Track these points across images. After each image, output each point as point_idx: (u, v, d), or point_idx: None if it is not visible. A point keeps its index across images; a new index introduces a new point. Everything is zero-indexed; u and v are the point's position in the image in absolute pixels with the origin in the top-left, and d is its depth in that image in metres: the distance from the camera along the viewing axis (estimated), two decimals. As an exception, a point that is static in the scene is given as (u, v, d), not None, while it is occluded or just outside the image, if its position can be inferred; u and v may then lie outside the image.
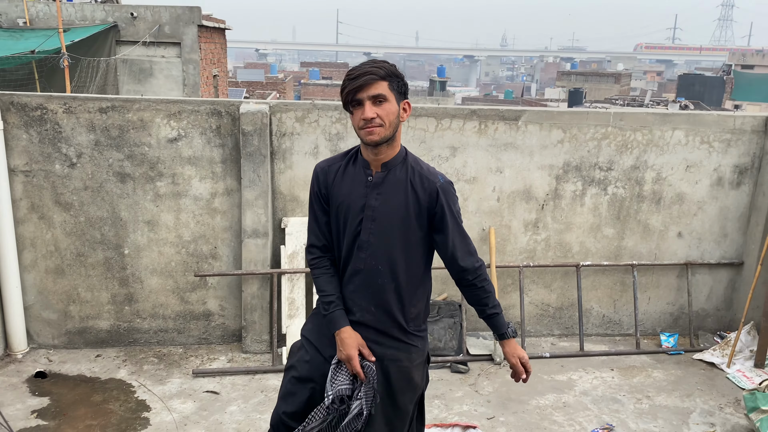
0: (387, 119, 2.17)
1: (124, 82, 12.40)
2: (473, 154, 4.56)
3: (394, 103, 2.20)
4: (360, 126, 2.19)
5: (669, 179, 4.74)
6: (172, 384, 4.14)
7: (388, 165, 2.28)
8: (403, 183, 2.27)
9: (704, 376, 4.46)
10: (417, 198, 2.26)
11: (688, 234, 4.87)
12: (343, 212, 2.31)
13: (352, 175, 2.32)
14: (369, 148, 2.24)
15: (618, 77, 51.64)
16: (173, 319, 4.58)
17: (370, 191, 2.28)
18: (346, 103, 2.21)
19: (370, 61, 2.22)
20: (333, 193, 2.34)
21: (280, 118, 4.32)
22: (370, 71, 2.16)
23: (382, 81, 2.17)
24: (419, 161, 2.34)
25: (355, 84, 2.16)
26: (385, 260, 2.28)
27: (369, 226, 2.26)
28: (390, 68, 2.20)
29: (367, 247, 2.27)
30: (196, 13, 12.21)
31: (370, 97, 2.15)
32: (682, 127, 4.66)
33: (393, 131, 2.22)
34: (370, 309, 2.31)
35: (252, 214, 4.32)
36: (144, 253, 4.43)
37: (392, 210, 2.26)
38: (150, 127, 4.24)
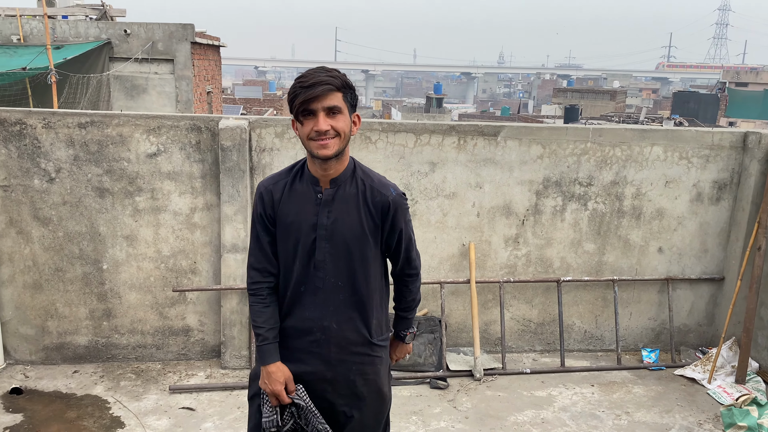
0: (342, 131, 2.09)
1: (117, 99, 12.46)
2: (453, 169, 4.57)
3: (347, 115, 2.12)
4: (311, 137, 2.08)
5: (649, 195, 4.76)
6: (149, 400, 4.11)
7: (337, 180, 2.20)
8: (355, 199, 2.20)
9: (685, 392, 4.45)
10: (370, 213, 2.20)
11: (668, 249, 4.87)
12: (294, 232, 2.22)
13: (300, 193, 2.22)
14: (318, 162, 2.15)
15: (614, 94, 51.99)
16: (152, 334, 4.56)
17: (320, 209, 2.19)
18: (296, 112, 2.09)
19: (321, 68, 2.12)
20: (280, 213, 2.23)
21: (259, 134, 4.34)
22: (326, 80, 2.05)
23: (338, 92, 2.08)
24: (369, 172, 2.27)
25: (310, 93, 2.04)
26: (343, 277, 2.22)
27: (323, 245, 2.19)
28: (344, 79, 2.11)
29: (324, 266, 2.21)
30: (189, 30, 12.30)
31: (325, 108, 2.05)
32: (661, 143, 4.68)
33: (345, 145, 2.14)
34: (332, 326, 2.25)
35: (231, 229, 4.32)
36: (122, 268, 4.42)
37: (346, 228, 2.19)
38: (129, 142, 4.25)
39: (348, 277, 2.23)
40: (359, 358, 2.30)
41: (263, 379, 2.26)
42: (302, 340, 2.28)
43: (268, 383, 2.24)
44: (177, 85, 12.37)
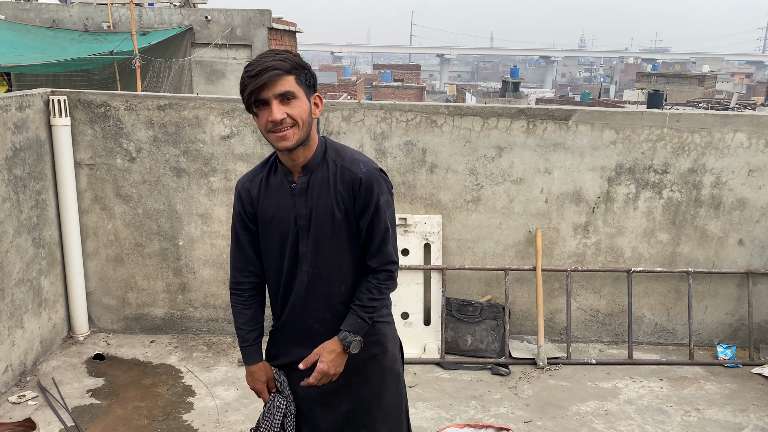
0: (299, 118, 1.93)
1: (198, 83, 12.93)
2: (521, 154, 4.50)
3: (304, 99, 1.95)
4: (268, 129, 1.93)
5: (729, 183, 4.52)
6: (218, 372, 4.30)
7: (308, 167, 2.08)
8: (327, 182, 2.07)
9: (762, 391, 4.23)
10: (341, 194, 2.07)
11: (749, 241, 4.62)
12: (275, 227, 2.13)
13: (276, 186, 2.12)
14: (285, 153, 2.03)
15: (702, 79, 49.31)
16: (223, 309, 4.75)
17: (297, 200, 2.09)
18: (248, 104, 1.94)
19: (269, 52, 1.94)
20: (261, 210, 2.14)
21: (327, 117, 4.41)
22: (273, 65, 1.88)
23: (288, 75, 1.91)
24: (342, 151, 2.12)
25: (257, 82, 1.87)
26: (328, 266, 2.13)
27: (305, 235, 2.10)
28: (294, 59, 1.94)
29: (307, 258, 2.12)
30: (266, 16, 12.58)
31: (277, 95, 1.89)
32: (744, 129, 4.43)
33: (307, 131, 1.99)
34: (326, 317, 2.17)
35: (298, 210, 4.42)
36: (197, 245, 4.63)
37: (322, 214, 2.08)
38: (204, 125, 4.43)
39: (333, 267, 2.14)
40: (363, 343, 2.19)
41: (247, 377, 2.31)
42: (302, 335, 2.22)
43: (251, 381, 2.29)
44: (254, 70, 12.68)
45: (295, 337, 2.24)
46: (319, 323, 2.19)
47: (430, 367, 4.43)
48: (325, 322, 2.18)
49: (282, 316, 2.24)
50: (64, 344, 4.59)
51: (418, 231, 4.57)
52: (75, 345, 4.61)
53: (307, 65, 1.98)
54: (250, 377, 2.30)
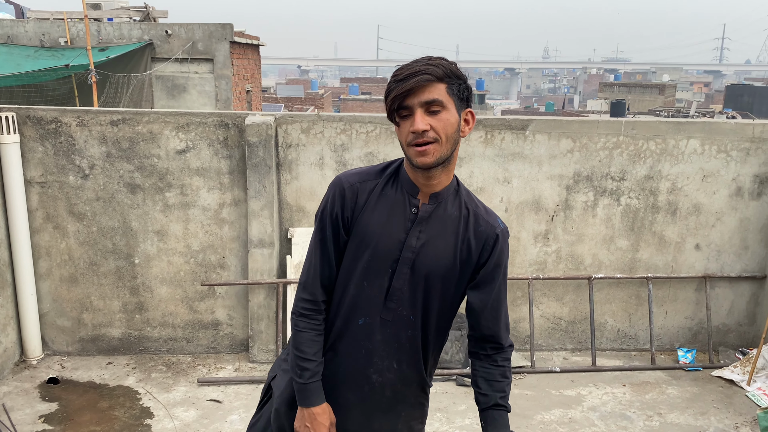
0: (444, 133, 1.68)
1: (159, 98, 12.75)
2: (480, 164, 4.51)
3: (454, 112, 1.70)
4: (409, 142, 1.69)
5: (685, 189, 4.60)
6: (178, 392, 4.19)
7: (439, 196, 1.81)
8: (455, 222, 1.81)
9: (722, 394, 4.28)
10: (469, 244, 1.82)
11: (706, 246, 4.70)
12: (370, 247, 1.81)
13: (392, 201, 1.81)
14: (419, 171, 1.75)
15: (662, 88, 50.52)
16: (182, 327, 4.64)
17: (413, 227, 1.79)
18: (390, 111, 1.71)
19: (423, 58, 1.71)
20: (361, 220, 1.81)
21: (285, 130, 4.37)
22: (424, 70, 1.66)
23: (439, 83, 1.67)
24: (473, 196, 1.89)
25: (403, 86, 1.65)
26: (417, 311, 1.85)
27: (405, 271, 1.80)
28: (449, 66, 1.70)
29: (400, 296, 1.83)
30: (228, 29, 12.48)
31: (423, 103, 1.66)
32: (698, 136, 4.52)
33: (451, 149, 1.72)
34: (392, 366, 1.89)
35: (258, 225, 4.36)
36: (154, 262, 4.52)
37: (437, 255, 1.80)
38: (159, 139, 4.34)
39: (421, 313, 1.86)
40: (410, 405, 1.98)
41: (303, 422, 1.89)
42: (352, 383, 1.91)
43: (312, 427, 1.87)
44: (216, 84, 12.58)
45: (343, 384, 1.91)
46: (380, 373, 1.88)
47: (394, 380, 4.38)
48: (388, 373, 1.89)
49: (329, 353, 1.91)
50: (16, 368, 4.43)
51: (380, 243, 4.53)
52: (28, 369, 4.44)
53: (464, 76, 1.74)
54: (310, 422, 1.88)
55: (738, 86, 48.57)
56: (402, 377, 1.91)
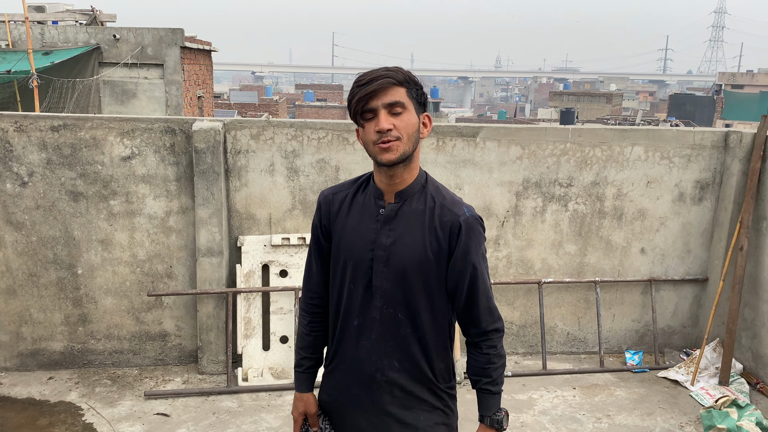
0: (405, 132, 1.80)
1: (107, 104, 12.42)
2: (432, 171, 4.52)
3: (414, 113, 1.84)
4: (374, 140, 1.80)
5: (630, 195, 4.71)
6: (123, 407, 4.05)
7: (403, 194, 1.90)
8: (421, 216, 1.88)
9: (667, 394, 4.39)
10: (436, 234, 1.87)
11: (651, 250, 4.83)
12: (347, 251, 1.94)
13: (361, 206, 1.94)
14: (383, 170, 1.86)
15: (610, 97, 52.04)
16: (128, 339, 4.50)
17: (381, 226, 1.90)
18: (355, 114, 1.84)
19: (382, 67, 1.85)
20: (336, 228, 1.97)
21: (234, 136, 4.30)
22: (386, 74, 1.80)
23: (400, 87, 1.81)
24: (442, 189, 1.95)
25: (367, 89, 1.79)
26: (404, 308, 1.91)
27: (381, 269, 1.89)
28: (407, 73, 1.85)
29: (382, 294, 1.90)
30: (178, 34, 12.27)
31: (386, 105, 1.79)
32: (642, 143, 4.64)
33: (412, 148, 1.84)
34: (394, 365, 1.94)
35: (206, 233, 4.27)
36: (98, 272, 4.37)
37: (407, 250, 1.88)
38: (103, 146, 4.21)
39: (409, 310, 1.91)
40: (426, 406, 1.97)
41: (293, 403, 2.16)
42: (356, 383, 1.98)
43: (293, 409, 2.14)
44: (167, 90, 12.33)
45: (350, 385, 1.99)
46: (382, 372, 1.94)
47: (347, 388, 4.34)
48: (391, 372, 1.94)
49: (336, 357, 2.01)
50: (-51, 386, 4.21)
51: (333, 250, 4.49)
52: (-39, 387, 4.23)
53: (420, 83, 1.88)
54: (293, 404, 2.15)
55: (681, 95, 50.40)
56: (406, 378, 1.94)
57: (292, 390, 4.27)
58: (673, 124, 30.79)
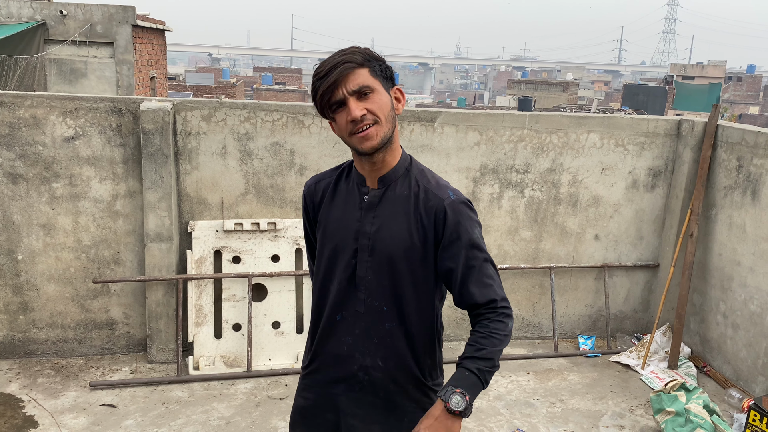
0: (381, 113, 1.68)
1: (54, 83, 11.93)
2: (389, 155, 4.46)
3: (383, 92, 1.71)
4: (350, 131, 1.68)
5: (585, 182, 4.75)
6: (67, 398, 3.89)
7: (385, 179, 1.80)
8: (405, 202, 1.78)
9: (619, 378, 4.47)
10: (421, 220, 1.77)
11: (604, 236, 4.88)
12: (331, 241, 1.84)
13: (344, 194, 1.85)
14: (364, 158, 1.75)
15: (566, 86, 52.80)
16: (73, 328, 4.32)
17: (364, 214, 1.80)
18: (323, 109, 1.72)
19: (338, 51, 1.71)
20: (321, 218, 1.88)
21: (184, 117, 4.14)
22: (343, 60, 1.66)
23: (361, 68, 1.68)
24: (427, 173, 1.85)
25: (328, 81, 1.65)
26: (390, 299, 1.80)
27: (365, 258, 1.79)
28: (365, 51, 1.72)
29: (366, 285, 1.80)
30: (130, 12, 11.84)
31: (352, 91, 1.66)
32: (597, 130, 4.67)
33: (391, 128, 1.72)
34: (377, 364, 1.83)
35: (155, 217, 4.12)
36: (39, 258, 4.17)
37: (392, 237, 1.77)
38: (44, 125, 4.00)
39: (395, 301, 1.80)
40: (411, 404, 1.85)
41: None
42: (338, 383, 1.88)
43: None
44: (118, 70, 11.91)
45: (336, 386, 1.88)
46: (365, 371, 1.83)
47: (302, 376, 4.28)
48: (375, 371, 1.83)
49: (317, 356, 1.91)
50: None
51: (289, 236, 4.40)
52: None
53: (381, 57, 1.74)
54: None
55: (634, 86, 51.47)
56: (391, 376, 1.83)
57: (244, 378, 4.18)
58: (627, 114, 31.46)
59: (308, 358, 1.94)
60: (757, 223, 4.18)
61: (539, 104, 44.99)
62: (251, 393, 4.05)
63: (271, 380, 4.21)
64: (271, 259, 4.37)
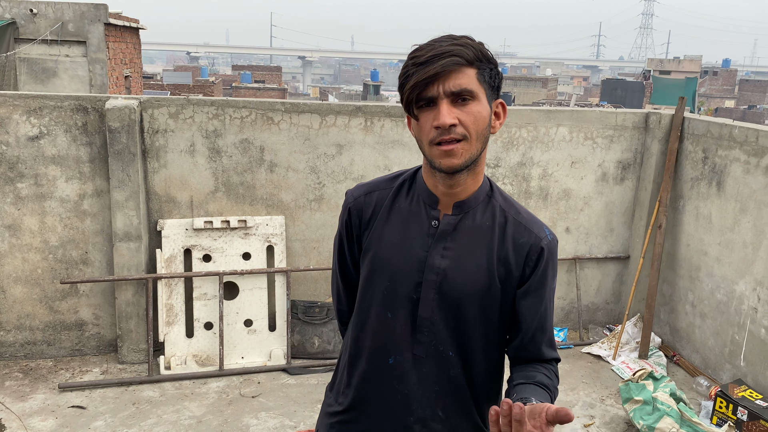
0: (474, 128, 1.37)
1: (25, 82, 11.75)
2: (360, 151, 4.46)
3: (485, 103, 1.39)
4: (431, 139, 1.37)
5: (555, 175, 4.78)
6: (35, 400, 3.84)
7: (464, 205, 1.49)
8: (486, 234, 1.49)
9: (590, 369, 4.51)
10: (506, 257, 1.49)
11: (575, 229, 4.92)
12: (384, 270, 1.52)
13: (406, 214, 1.52)
14: (441, 176, 1.44)
15: (545, 82, 53.17)
16: (42, 330, 4.27)
17: (434, 243, 1.49)
18: (408, 101, 1.39)
19: (447, 36, 1.39)
20: (370, 238, 1.55)
21: (151, 114, 4.10)
22: (452, 51, 1.34)
23: (470, 67, 1.36)
24: (513, 201, 1.56)
25: (427, 71, 1.33)
26: (456, 344, 1.52)
27: (431, 296, 1.49)
28: (480, 48, 1.39)
29: (431, 327, 1.51)
30: (102, 10, 11.69)
31: (450, 92, 1.34)
32: (566, 124, 4.71)
33: (481, 149, 1.41)
34: (437, 415, 1.56)
35: (123, 216, 4.07)
36: (5, 260, 4.11)
37: (467, 275, 1.48)
38: (7, 124, 3.94)
39: (461, 346, 1.53)
40: None
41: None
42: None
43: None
44: (90, 69, 11.76)
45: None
46: (423, 423, 1.56)
47: (275, 374, 4.27)
48: (434, 423, 1.56)
49: (359, 404, 1.60)
50: None
51: (260, 233, 4.38)
52: None
53: (495, 60, 1.42)
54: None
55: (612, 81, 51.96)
56: (452, 428, 1.59)
57: (216, 377, 4.16)
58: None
59: (345, 401, 1.63)
60: (722, 213, 4.24)
61: (519, 100, 45.24)
62: (223, 391, 4.03)
63: (244, 378, 4.19)
64: (242, 257, 4.35)
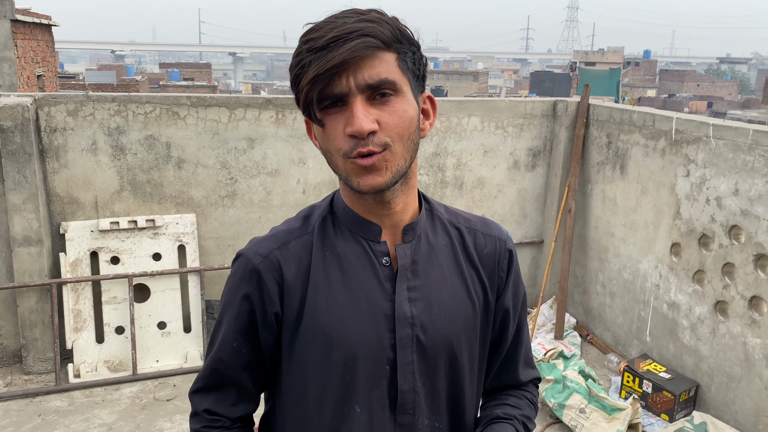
0: (398, 132, 1.01)
1: (-74, 84, 11.05)
2: (273, 145, 4.40)
3: (411, 99, 1.04)
4: (345, 151, 1.01)
5: (469, 164, 4.86)
6: (-70, 418, 3.62)
7: (417, 227, 1.15)
8: (449, 254, 1.18)
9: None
10: (479, 276, 1.20)
11: (490, 216, 5.02)
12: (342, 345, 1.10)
13: (342, 259, 1.13)
14: (371, 197, 1.08)
15: (477, 75, 54.07)
16: (-63, 344, 4.03)
17: (397, 288, 1.12)
18: (307, 104, 1.01)
19: (350, 11, 1.00)
20: (293, 306, 1.11)
21: (48, 112, 3.92)
22: (362, 29, 0.97)
23: (387, 51, 1.00)
24: (450, 208, 1.27)
25: (330, 58, 0.95)
26: (444, 409, 1.19)
27: (408, 359, 1.11)
28: (395, 23, 1.02)
29: (414, 401, 1.14)
30: (7, 6, 11.10)
31: (366, 86, 0.98)
32: (478, 114, 4.79)
33: (410, 159, 1.05)
34: None
35: (21, 220, 3.88)
36: None
37: (448, 313, 1.15)
38: None
39: (452, 407, 1.21)
40: None
41: None
42: None
43: None
44: (-2, 68, 11.15)
45: None
46: None
47: (192, 376, 4.17)
48: None
49: None
50: None
51: (170, 232, 4.26)
52: None
53: (417, 41, 1.06)
54: None
55: (541, 73, 53.31)
56: None
57: (129, 382, 4.03)
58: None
59: None
60: (625, 195, 4.42)
61: (451, 93, 45.86)
62: (137, 396, 3.91)
63: (159, 382, 4.08)
64: (152, 257, 4.22)
